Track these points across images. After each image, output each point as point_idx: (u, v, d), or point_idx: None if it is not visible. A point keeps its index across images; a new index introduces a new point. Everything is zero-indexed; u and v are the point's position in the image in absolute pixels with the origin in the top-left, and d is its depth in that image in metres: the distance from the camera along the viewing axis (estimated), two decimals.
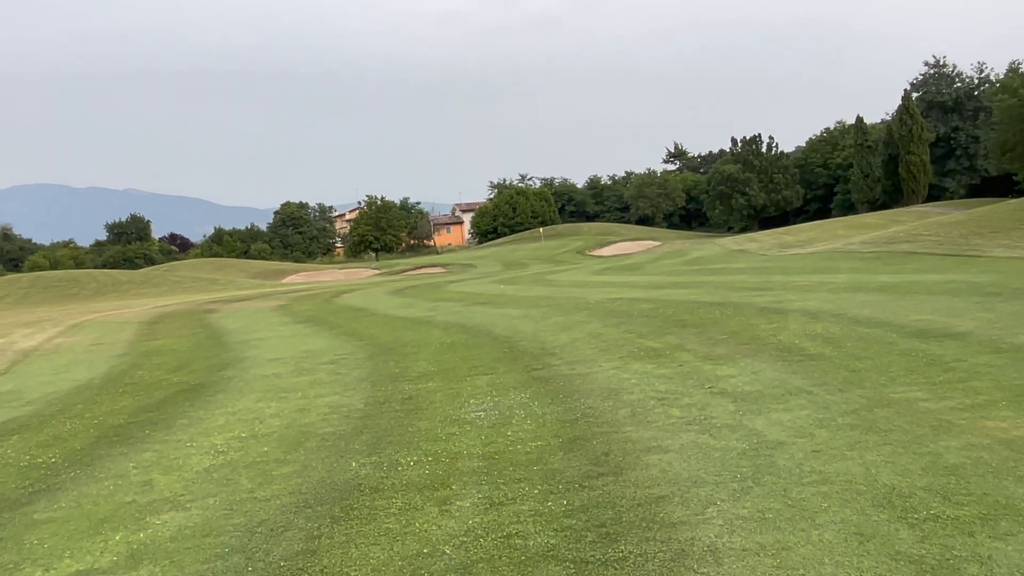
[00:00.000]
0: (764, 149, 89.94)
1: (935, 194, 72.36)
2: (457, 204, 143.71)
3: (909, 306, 13.07)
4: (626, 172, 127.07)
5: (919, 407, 6.70)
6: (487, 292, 28.72)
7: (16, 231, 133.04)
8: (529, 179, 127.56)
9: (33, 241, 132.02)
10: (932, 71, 79.29)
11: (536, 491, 5.39)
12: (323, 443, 7.61)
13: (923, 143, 67.61)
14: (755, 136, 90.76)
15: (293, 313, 27.65)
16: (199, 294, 53.58)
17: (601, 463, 5.87)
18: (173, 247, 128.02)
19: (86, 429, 9.48)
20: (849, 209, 79.56)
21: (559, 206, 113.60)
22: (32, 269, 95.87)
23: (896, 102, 74.17)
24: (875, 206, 71.59)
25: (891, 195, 71.74)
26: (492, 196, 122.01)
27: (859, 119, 73.21)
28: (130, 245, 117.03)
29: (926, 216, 51.63)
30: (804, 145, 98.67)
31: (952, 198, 71.37)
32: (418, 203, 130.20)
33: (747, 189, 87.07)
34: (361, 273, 74.90)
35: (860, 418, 6.49)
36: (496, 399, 8.81)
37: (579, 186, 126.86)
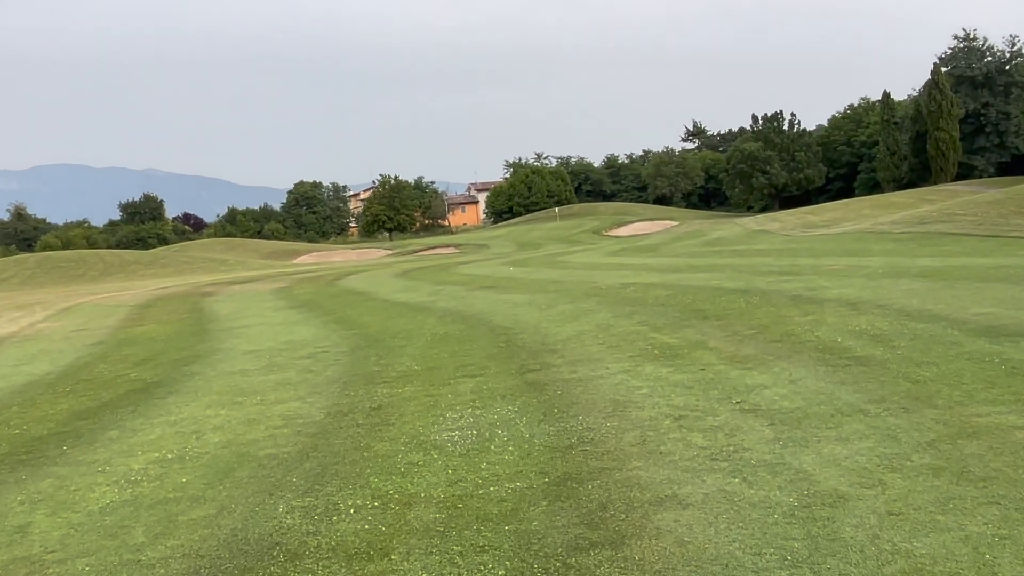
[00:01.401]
0: (786, 126, 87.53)
1: (963, 172, 69.87)
2: (472, 183, 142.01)
3: (964, 296, 11.40)
4: (644, 151, 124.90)
5: (1017, 439, 5.11)
6: (494, 275, 27.18)
7: (37, 211, 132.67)
8: (545, 158, 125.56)
9: (48, 221, 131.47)
10: (962, 45, 76.51)
11: (502, 572, 3.86)
12: (257, 471, 6.13)
13: (953, 119, 65.11)
14: (777, 113, 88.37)
15: (290, 297, 26.28)
16: (206, 275, 52.41)
17: (596, 523, 4.33)
18: (187, 227, 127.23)
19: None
20: (873, 188, 77.16)
21: (575, 185, 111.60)
22: (44, 249, 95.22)
23: (923, 78, 71.75)
24: (901, 185, 69.23)
25: (918, 173, 69.35)
26: (507, 175, 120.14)
27: (886, 94, 70.74)
28: (143, 225, 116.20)
29: (957, 195, 49.47)
30: (826, 123, 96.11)
31: (981, 176, 68.91)
32: (433, 182, 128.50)
33: (768, 167, 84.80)
34: (373, 254, 73.53)
35: (942, 455, 4.91)
36: (478, 412, 7.29)
37: (596, 165, 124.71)
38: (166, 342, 16.36)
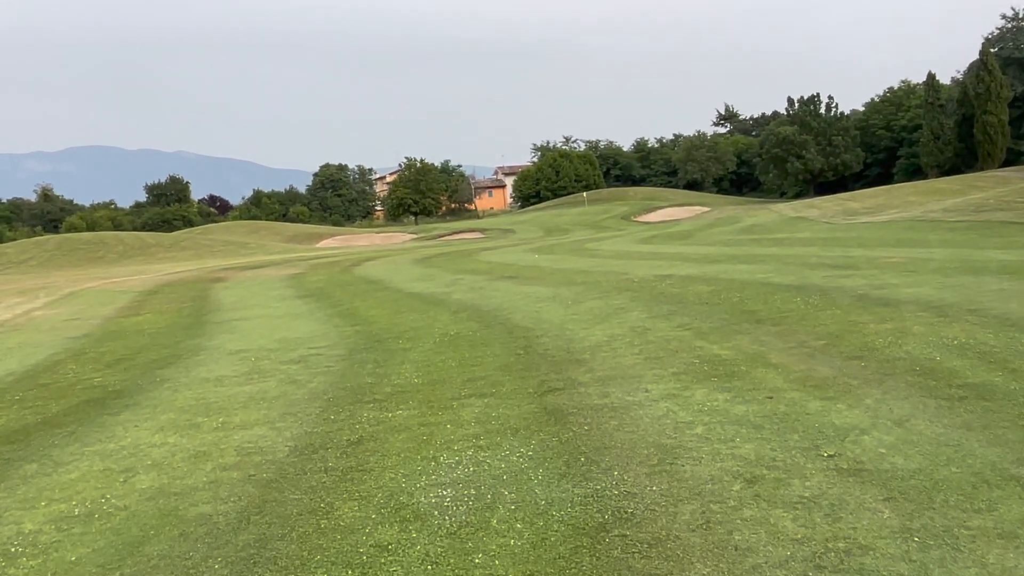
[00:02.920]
0: (823, 110, 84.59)
1: (1009, 159, 66.80)
2: (500, 167, 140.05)
3: None
4: (674, 135, 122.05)
5: None
6: (518, 263, 25.45)
7: (69, 192, 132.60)
8: (573, 141, 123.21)
9: (75, 202, 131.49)
10: (1010, 24, 73.10)
11: None
12: (173, 547, 4.49)
13: (1002, 102, 62.01)
14: (813, 96, 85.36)
15: (300, 285, 24.76)
16: (224, 259, 51.23)
17: None
18: (212, 209, 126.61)
19: None
20: (913, 174, 74.23)
21: (604, 170, 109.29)
22: (68, 231, 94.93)
23: (966, 60, 68.61)
24: (945, 171, 66.36)
25: (963, 159, 66.39)
26: (535, 159, 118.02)
27: (931, 75, 67.70)
28: (169, 207, 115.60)
29: (1008, 182, 46.88)
30: (863, 107, 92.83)
31: None
32: (459, 166, 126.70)
33: (803, 152, 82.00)
34: (397, 238, 72.10)
35: None
36: (481, 456, 5.60)
37: (625, 149, 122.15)
38: (153, 337, 14.85)
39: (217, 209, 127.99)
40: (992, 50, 66.56)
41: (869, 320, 9.37)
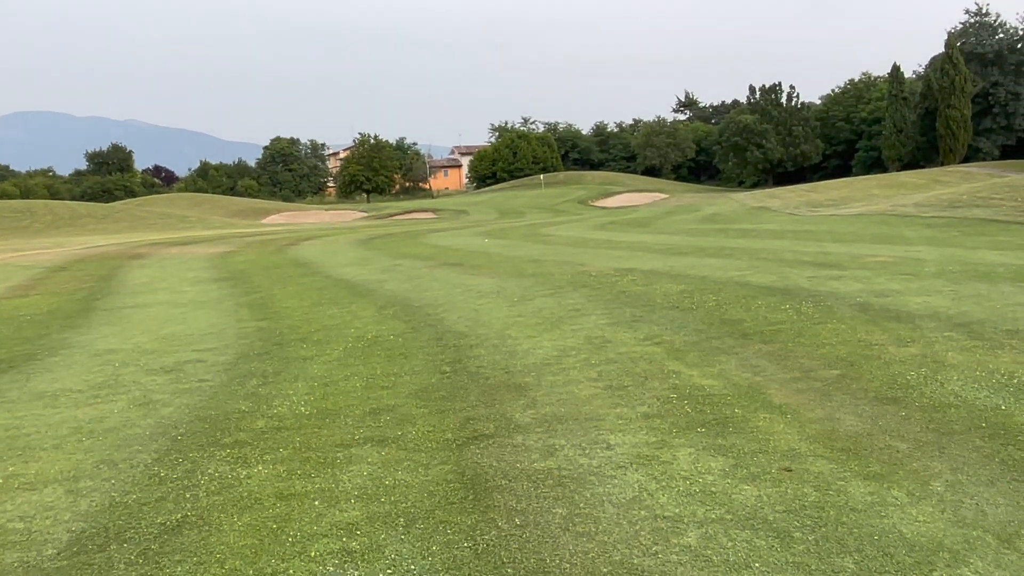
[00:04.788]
0: (784, 99, 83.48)
1: (968, 155, 66.20)
2: (456, 147, 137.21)
3: None
4: (634, 119, 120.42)
5: None
6: (465, 248, 23.31)
7: (13, 158, 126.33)
8: (532, 123, 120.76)
9: (11, 168, 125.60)
10: (973, 20, 72.56)
11: None
12: None
13: (966, 97, 61.19)
14: (775, 85, 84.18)
15: (223, 266, 22.37)
16: (157, 233, 48.30)
17: None
18: (157, 180, 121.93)
19: None
20: (871, 167, 73.42)
21: (562, 153, 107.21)
22: (0, 197, 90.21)
23: (927, 54, 67.82)
24: (905, 164, 65.59)
25: (924, 153, 65.63)
26: (493, 139, 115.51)
27: (896, 67, 66.63)
28: (110, 176, 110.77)
29: (974, 178, 45.96)
30: (819, 100, 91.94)
31: (985, 159, 65.36)
32: (415, 144, 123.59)
33: (764, 142, 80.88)
34: (348, 215, 69.37)
35: None
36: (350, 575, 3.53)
37: (584, 132, 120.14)
38: (20, 326, 12.46)
39: (162, 180, 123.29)
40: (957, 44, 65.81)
41: (884, 340, 7.46)
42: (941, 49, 67.28)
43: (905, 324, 8.14)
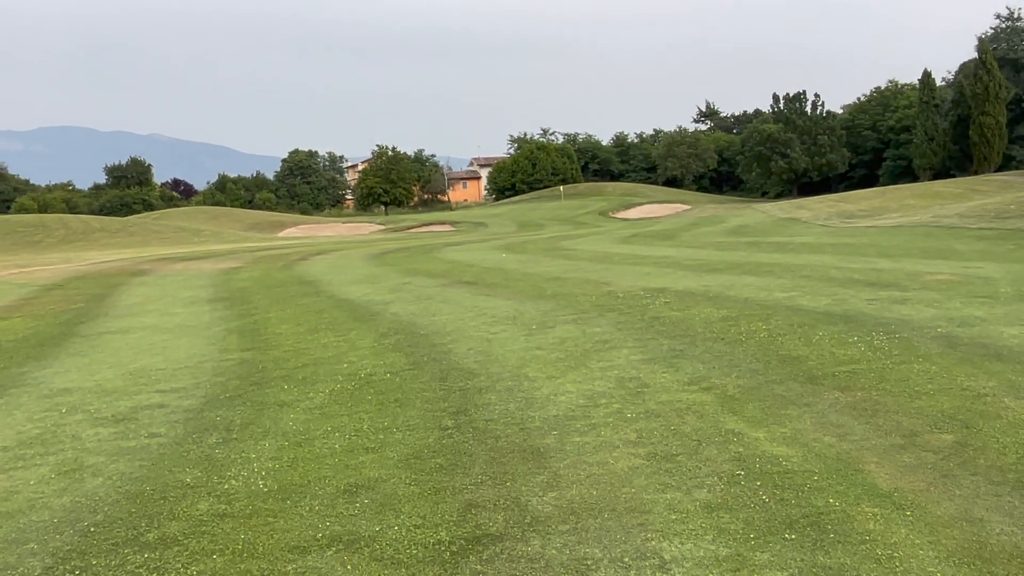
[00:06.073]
0: (809, 108, 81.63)
1: (1002, 163, 64.10)
2: (475, 158, 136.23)
3: None
4: (654, 130, 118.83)
5: None
6: (480, 264, 21.91)
7: (38, 172, 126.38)
8: (551, 134, 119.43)
9: (30, 182, 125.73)
10: (1004, 24, 70.60)
11: None
12: None
13: (1000, 103, 59.11)
14: (799, 93, 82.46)
15: (225, 284, 21.11)
16: (171, 247, 47.29)
17: None
18: (175, 193, 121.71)
19: None
20: (899, 177, 71.42)
21: (582, 164, 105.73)
22: (18, 211, 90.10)
23: (954, 61, 65.89)
24: (936, 173, 63.58)
25: (957, 161, 63.56)
26: (512, 151, 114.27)
27: (926, 73, 64.70)
28: (129, 190, 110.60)
29: (1012, 187, 44.05)
30: (841, 108, 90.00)
31: (1020, 167, 63.21)
32: (433, 155, 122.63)
33: (788, 151, 79.04)
34: (365, 228, 68.25)
35: None
36: None
37: (604, 143, 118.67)
38: None
39: (181, 193, 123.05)
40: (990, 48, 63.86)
41: (994, 388, 5.96)
42: (969, 55, 65.56)
43: (1011, 365, 6.63)
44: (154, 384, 8.58)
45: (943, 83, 76.28)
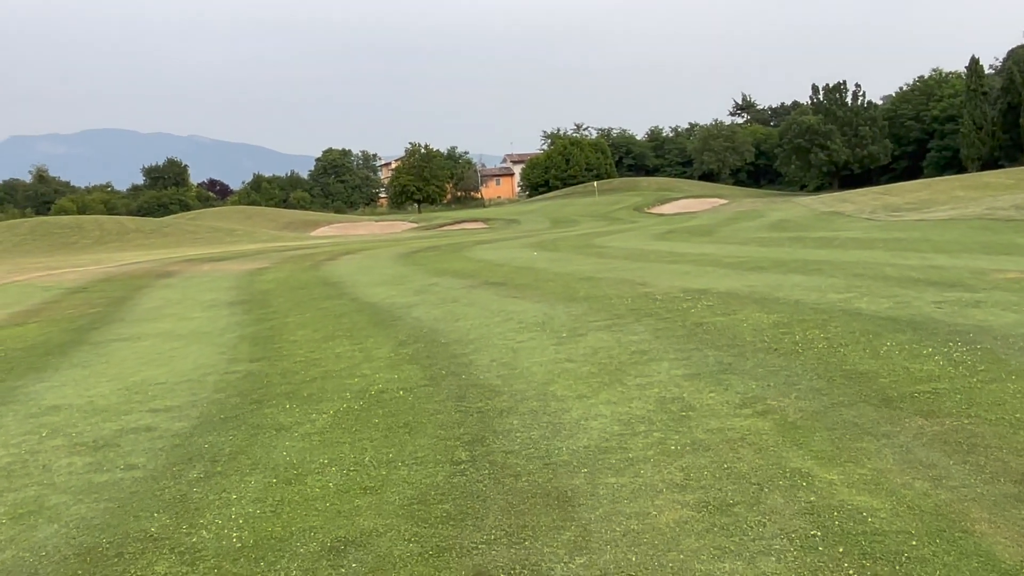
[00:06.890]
0: (849, 99, 79.53)
1: None
2: (508, 155, 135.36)
3: None
4: (690, 124, 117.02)
5: None
6: (511, 263, 21.05)
7: (81, 174, 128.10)
8: (585, 129, 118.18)
9: (71, 184, 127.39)
10: None
11: None
12: None
13: None
14: (840, 84, 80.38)
15: (248, 286, 20.52)
16: (203, 247, 47.09)
17: None
18: (211, 193, 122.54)
19: None
20: (945, 168, 69.26)
21: (616, 159, 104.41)
22: (58, 213, 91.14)
23: (1000, 48, 63.57)
24: (984, 164, 61.46)
25: (1007, 151, 61.40)
26: (545, 146, 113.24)
27: (974, 60, 62.56)
28: (166, 190, 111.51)
29: None
30: (880, 99, 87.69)
31: None
32: (466, 152, 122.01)
33: (828, 143, 77.13)
34: (398, 226, 67.73)
35: None
36: None
37: (638, 137, 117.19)
38: None
39: (217, 193, 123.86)
40: None
41: None
42: (1017, 42, 63.25)
43: None
44: (148, 401, 7.85)
45: (991, 71, 73.89)
